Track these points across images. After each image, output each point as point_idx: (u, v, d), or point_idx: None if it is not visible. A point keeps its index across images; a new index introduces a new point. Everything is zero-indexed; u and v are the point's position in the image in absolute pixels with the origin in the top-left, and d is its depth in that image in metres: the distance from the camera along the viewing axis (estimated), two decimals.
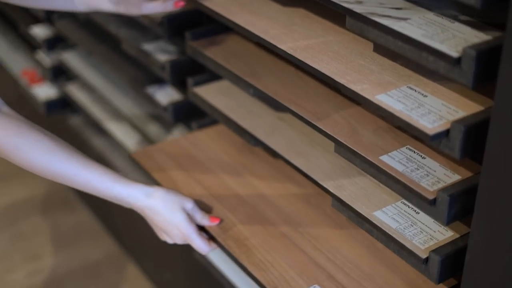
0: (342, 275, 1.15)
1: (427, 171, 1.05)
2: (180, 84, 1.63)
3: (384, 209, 1.13)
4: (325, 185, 1.19)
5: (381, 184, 1.18)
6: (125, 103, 1.83)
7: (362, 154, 1.09)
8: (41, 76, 2.27)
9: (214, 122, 1.55)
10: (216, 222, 1.25)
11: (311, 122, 1.16)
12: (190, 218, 1.22)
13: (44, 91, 2.20)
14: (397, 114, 0.99)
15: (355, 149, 1.10)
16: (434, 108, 0.99)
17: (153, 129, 1.72)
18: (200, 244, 1.23)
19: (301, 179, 1.36)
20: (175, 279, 1.94)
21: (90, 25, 1.91)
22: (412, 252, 1.06)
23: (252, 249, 1.20)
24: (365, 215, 1.12)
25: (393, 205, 1.14)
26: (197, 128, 1.54)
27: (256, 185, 1.36)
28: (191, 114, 1.59)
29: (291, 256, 1.19)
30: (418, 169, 1.06)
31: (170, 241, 1.24)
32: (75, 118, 2.13)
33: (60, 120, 2.20)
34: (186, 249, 1.43)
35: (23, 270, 2.15)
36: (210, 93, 1.45)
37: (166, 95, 1.61)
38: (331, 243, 1.22)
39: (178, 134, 1.66)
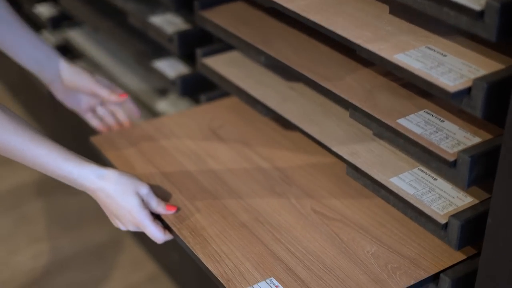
0: (301, 267, 1.07)
1: (446, 134, 1.02)
2: (188, 57, 1.60)
3: (400, 175, 1.10)
4: (339, 152, 1.16)
5: (397, 152, 1.15)
6: (132, 79, 1.79)
7: (379, 118, 1.06)
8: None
9: (222, 95, 1.52)
10: (172, 210, 1.17)
11: (325, 88, 1.13)
12: (144, 204, 1.14)
13: (46, 37, 2.15)
14: (416, 72, 0.95)
15: (371, 113, 1.07)
16: (454, 67, 0.96)
17: (160, 104, 1.69)
18: (154, 232, 1.15)
19: (267, 166, 1.29)
20: (183, 260, 1.91)
21: (95, 0, 1.88)
22: (430, 217, 1.02)
23: (208, 240, 1.12)
24: (382, 182, 1.09)
25: (409, 171, 1.11)
26: (206, 101, 1.51)
27: (218, 173, 1.28)
28: (199, 87, 1.56)
29: (249, 247, 1.11)
30: (437, 132, 1.02)
31: (122, 227, 1.17)
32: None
33: None
34: None
35: (28, 252, 2.12)
36: (220, 64, 1.42)
37: (173, 69, 1.58)
38: (293, 234, 1.14)
39: (185, 108, 1.62)
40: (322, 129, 1.22)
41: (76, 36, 2.00)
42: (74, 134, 2.18)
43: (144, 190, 1.14)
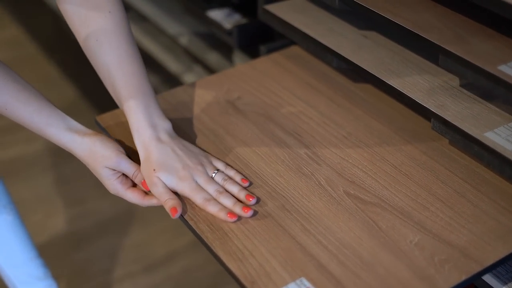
0: (335, 264, 0.92)
1: None
2: (244, 7, 1.49)
3: (496, 130, 0.99)
4: (425, 105, 1.04)
5: (488, 104, 1.04)
6: (181, 31, 1.69)
7: (477, 64, 0.94)
8: None
9: (283, 46, 1.41)
10: (148, 188, 1.04)
11: (411, 31, 1.02)
12: (118, 173, 1.05)
13: None
14: None
15: (467, 59, 0.96)
16: None
17: (213, 58, 1.58)
18: (131, 199, 1.06)
19: (293, 142, 1.13)
20: None
21: None
22: None
23: (229, 234, 0.97)
24: (475, 136, 0.98)
25: (505, 126, 1.00)
26: (266, 52, 1.40)
27: (239, 152, 1.12)
28: (257, 39, 1.45)
29: (275, 241, 0.96)
30: None
31: None
32: None
33: None
34: None
35: (66, 215, 2.04)
36: (284, 10, 1.30)
37: (229, 18, 1.48)
38: (325, 223, 0.98)
39: (240, 62, 1.52)
40: (403, 80, 1.11)
41: None
42: None
43: (111, 164, 1.05)
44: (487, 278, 1.01)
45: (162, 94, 1.28)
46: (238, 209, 1.00)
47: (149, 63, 1.83)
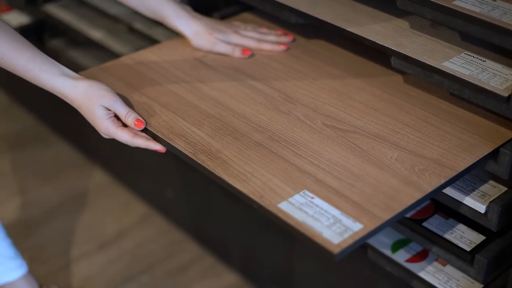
0: (330, 178, 1.04)
1: (503, 10, 1.06)
2: None
3: (451, 60, 1.13)
4: (385, 44, 1.18)
5: (439, 41, 1.19)
6: (123, 9, 1.75)
7: (435, 1, 1.08)
8: (8, 4, 2.16)
9: (235, 12, 1.51)
10: (138, 127, 1.15)
11: None
12: (111, 113, 1.16)
13: (15, 18, 2.09)
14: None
15: None
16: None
17: (159, 32, 1.65)
18: (121, 137, 1.15)
19: (265, 88, 1.26)
20: (178, 195, 1.90)
21: None
22: (492, 92, 1.06)
23: (228, 161, 1.08)
24: (435, 66, 1.12)
25: (458, 56, 1.14)
26: (220, 18, 1.49)
27: (218, 98, 1.23)
28: (204, 8, 1.54)
29: (272, 164, 1.07)
30: (494, 10, 1.06)
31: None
32: (56, 40, 2.03)
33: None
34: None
35: (11, 205, 2.06)
36: None
37: None
38: (312, 147, 1.11)
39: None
40: (360, 27, 1.23)
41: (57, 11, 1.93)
42: None
43: (107, 102, 1.15)
44: (450, 191, 1.15)
45: (129, 55, 1.37)
46: (284, 38, 1.40)
47: (93, 47, 1.88)
